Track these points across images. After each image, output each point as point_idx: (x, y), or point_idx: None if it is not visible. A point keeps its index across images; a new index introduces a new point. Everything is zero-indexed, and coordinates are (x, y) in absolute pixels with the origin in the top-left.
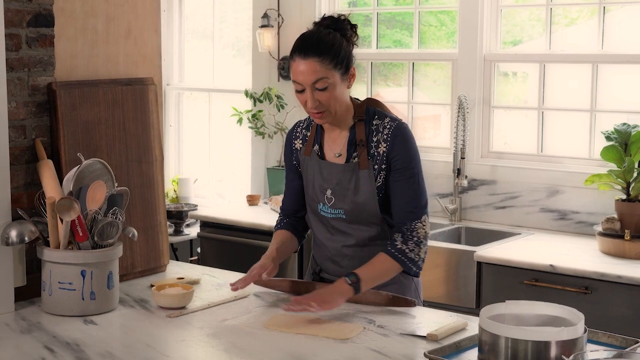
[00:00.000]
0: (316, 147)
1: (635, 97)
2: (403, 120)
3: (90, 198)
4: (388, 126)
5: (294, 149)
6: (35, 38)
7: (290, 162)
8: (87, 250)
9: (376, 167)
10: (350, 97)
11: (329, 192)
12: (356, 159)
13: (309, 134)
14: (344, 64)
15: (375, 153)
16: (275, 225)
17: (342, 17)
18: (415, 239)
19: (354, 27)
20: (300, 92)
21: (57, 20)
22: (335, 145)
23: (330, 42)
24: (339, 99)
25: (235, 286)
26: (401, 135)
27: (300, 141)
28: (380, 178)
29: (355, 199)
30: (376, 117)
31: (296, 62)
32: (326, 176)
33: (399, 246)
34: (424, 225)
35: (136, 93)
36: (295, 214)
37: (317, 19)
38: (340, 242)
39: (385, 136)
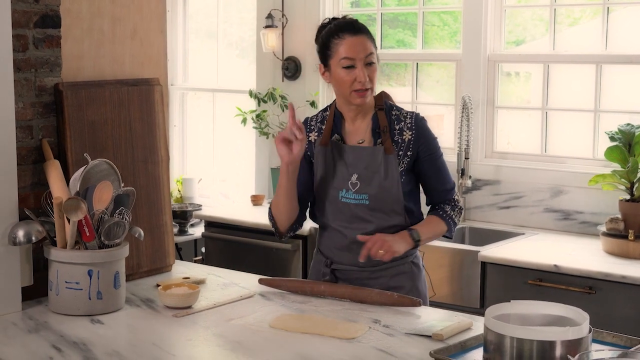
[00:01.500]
0: (336, 136)
1: (639, 98)
2: None
3: (96, 198)
4: (409, 116)
5: (307, 142)
6: (42, 39)
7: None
8: (93, 250)
9: (400, 153)
10: None
11: (354, 177)
12: (381, 144)
13: (324, 126)
14: (376, 49)
15: (400, 140)
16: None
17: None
18: (458, 208)
19: None
20: (348, 68)
21: (63, 21)
22: (358, 133)
23: (367, 28)
24: (377, 79)
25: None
26: (424, 124)
27: (316, 133)
28: (403, 164)
29: (383, 182)
30: (394, 108)
31: (346, 40)
32: (352, 161)
33: (448, 212)
34: (459, 198)
35: (142, 93)
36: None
37: (327, 18)
38: (359, 230)
39: (409, 124)
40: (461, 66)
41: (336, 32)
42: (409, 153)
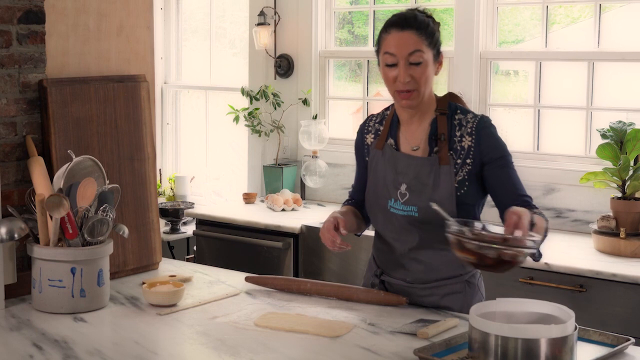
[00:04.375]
0: (390, 140)
1: (632, 95)
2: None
3: (80, 195)
4: (471, 120)
5: (365, 144)
6: (26, 35)
7: (362, 155)
8: (76, 248)
9: (459, 161)
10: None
11: (403, 187)
12: (436, 154)
13: (382, 128)
14: (436, 47)
15: (459, 147)
16: (343, 203)
17: (428, 12)
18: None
19: (438, 23)
20: (390, 66)
21: (48, 17)
22: (414, 139)
23: (426, 22)
24: (429, 80)
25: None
26: (487, 127)
27: (373, 135)
28: (462, 172)
29: (433, 195)
30: (458, 111)
31: (391, 35)
32: (401, 169)
33: (537, 210)
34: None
35: (128, 90)
36: (363, 202)
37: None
38: (408, 243)
39: (469, 129)
40: (454, 64)
41: (386, 26)
42: (468, 161)
